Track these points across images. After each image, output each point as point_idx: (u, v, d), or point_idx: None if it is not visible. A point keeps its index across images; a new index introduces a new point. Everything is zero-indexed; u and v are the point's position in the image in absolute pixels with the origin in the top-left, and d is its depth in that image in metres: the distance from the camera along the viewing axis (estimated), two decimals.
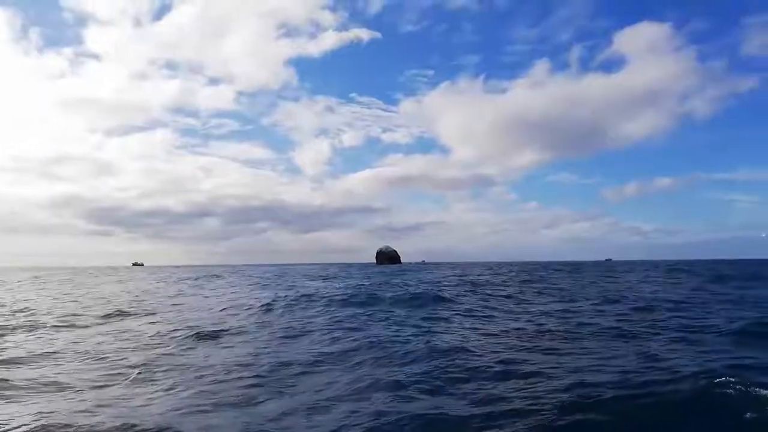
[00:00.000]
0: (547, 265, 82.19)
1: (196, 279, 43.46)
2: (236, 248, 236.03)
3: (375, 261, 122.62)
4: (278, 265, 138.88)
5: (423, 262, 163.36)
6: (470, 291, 22.10)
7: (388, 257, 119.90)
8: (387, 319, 13.40)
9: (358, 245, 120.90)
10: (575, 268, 63.08)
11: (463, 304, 17.09)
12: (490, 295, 20.65)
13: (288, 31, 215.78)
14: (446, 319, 13.22)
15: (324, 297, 18.91)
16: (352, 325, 12.27)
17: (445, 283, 28.55)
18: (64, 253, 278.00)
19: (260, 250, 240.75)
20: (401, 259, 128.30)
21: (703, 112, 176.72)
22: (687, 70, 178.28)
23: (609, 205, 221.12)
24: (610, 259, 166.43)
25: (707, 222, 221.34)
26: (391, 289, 22.37)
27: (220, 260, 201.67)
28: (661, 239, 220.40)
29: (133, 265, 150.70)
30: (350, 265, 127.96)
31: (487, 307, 16.45)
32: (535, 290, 23.01)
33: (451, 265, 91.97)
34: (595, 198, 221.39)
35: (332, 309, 15.87)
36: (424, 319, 13.23)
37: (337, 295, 19.67)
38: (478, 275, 39.48)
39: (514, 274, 42.24)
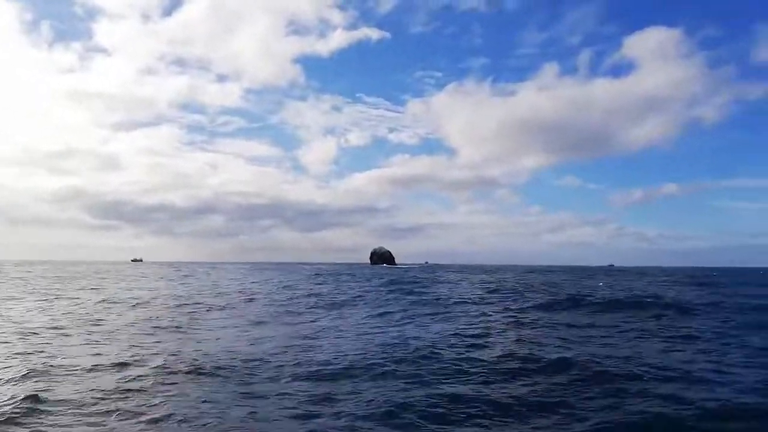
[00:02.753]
0: (548, 270, 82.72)
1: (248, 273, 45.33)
2: (240, 245, 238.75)
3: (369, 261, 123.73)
4: (279, 264, 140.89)
5: (426, 263, 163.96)
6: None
7: (382, 258, 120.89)
8: None
9: (362, 244, 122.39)
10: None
11: None
12: None
13: (297, 28, 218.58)
14: None
15: None
16: None
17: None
18: (67, 247, 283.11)
19: (264, 247, 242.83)
20: (396, 260, 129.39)
21: (711, 119, 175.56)
22: (696, 75, 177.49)
23: (614, 210, 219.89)
24: (612, 265, 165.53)
25: (713, 229, 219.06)
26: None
27: (223, 257, 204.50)
28: (665, 245, 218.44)
29: (132, 261, 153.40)
30: (351, 265, 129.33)
31: None
32: None
33: (456, 269, 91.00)
34: (600, 203, 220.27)
35: None
36: None
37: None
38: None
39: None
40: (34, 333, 11.78)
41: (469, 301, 19.46)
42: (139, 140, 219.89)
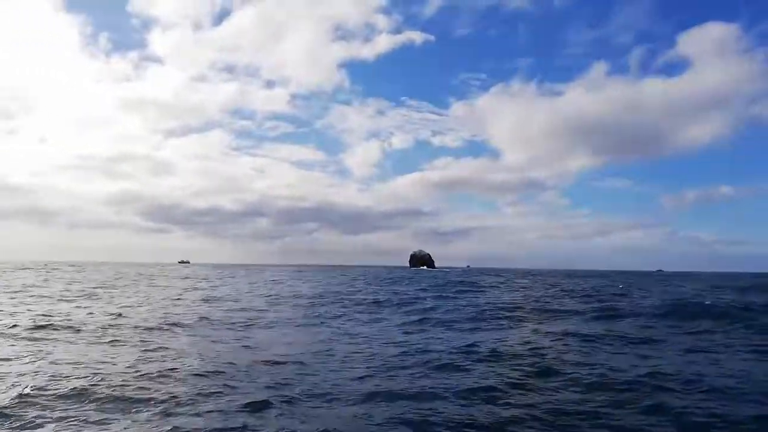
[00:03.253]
0: (587, 274, 79.29)
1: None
2: (285, 248, 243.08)
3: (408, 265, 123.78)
4: (322, 266, 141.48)
5: (468, 267, 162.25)
6: None
7: (421, 261, 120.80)
8: None
9: (405, 248, 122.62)
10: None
11: None
12: None
13: (343, 33, 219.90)
14: None
15: None
16: None
17: None
18: (119, 249, 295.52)
19: (307, 250, 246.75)
20: (438, 263, 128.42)
21: None
22: (755, 72, 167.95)
23: (666, 213, 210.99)
24: (661, 270, 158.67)
25: None
26: None
27: (269, 260, 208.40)
28: (721, 250, 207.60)
29: (180, 262, 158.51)
30: (390, 268, 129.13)
31: None
32: None
33: (499, 272, 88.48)
34: (651, 205, 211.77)
35: None
36: None
37: None
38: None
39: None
40: None
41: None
42: (190, 145, 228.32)
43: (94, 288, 28.39)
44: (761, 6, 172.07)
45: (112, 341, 10.83)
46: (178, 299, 22.26)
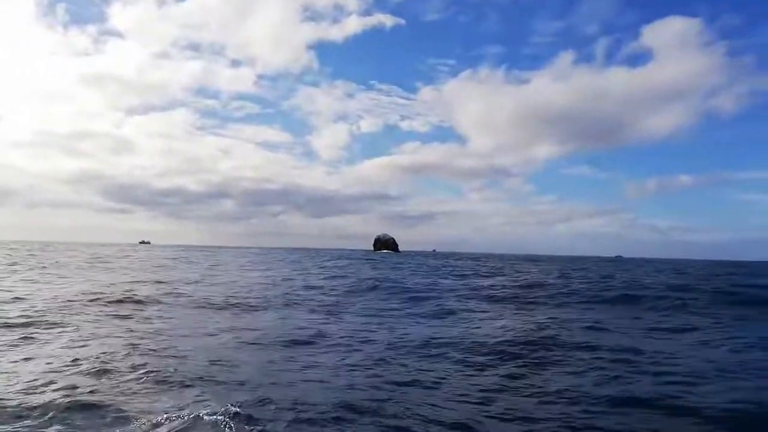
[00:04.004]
0: (535, 258, 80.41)
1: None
2: (251, 230, 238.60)
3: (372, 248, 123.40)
4: (288, 249, 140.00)
5: (434, 251, 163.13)
6: None
7: (385, 245, 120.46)
8: None
9: (371, 232, 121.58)
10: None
11: None
12: None
13: (312, 14, 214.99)
14: None
15: None
16: None
17: None
18: (80, 229, 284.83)
19: (273, 232, 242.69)
20: (404, 247, 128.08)
21: (729, 109, 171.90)
22: (715, 65, 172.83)
23: (627, 201, 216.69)
24: (621, 256, 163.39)
25: (728, 222, 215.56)
26: None
27: (234, 242, 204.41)
28: (678, 237, 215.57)
29: (140, 243, 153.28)
30: (353, 251, 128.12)
31: None
32: None
33: (464, 257, 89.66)
34: (614, 193, 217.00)
35: None
36: None
37: None
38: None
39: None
40: None
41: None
42: (153, 124, 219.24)
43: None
44: (722, 1, 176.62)
45: None
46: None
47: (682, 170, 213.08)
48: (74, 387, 5.98)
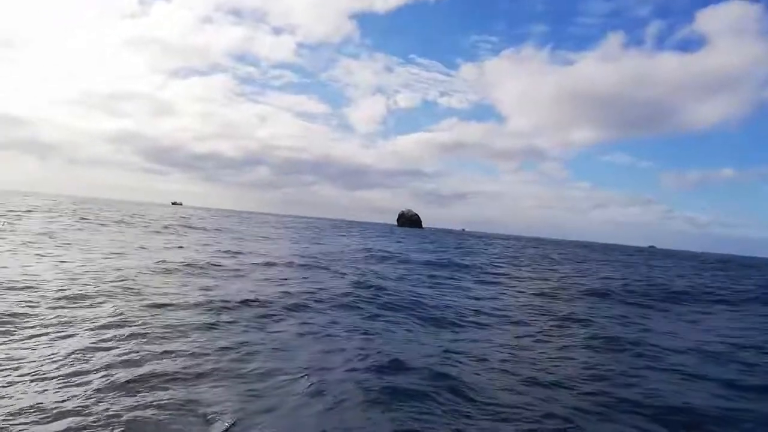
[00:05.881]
0: (557, 243, 77.44)
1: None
2: (283, 198, 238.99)
3: (396, 223, 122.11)
4: (314, 219, 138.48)
5: (463, 230, 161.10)
6: None
7: (410, 221, 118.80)
8: None
9: (402, 207, 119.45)
10: None
11: None
12: None
13: None
14: None
15: None
16: None
17: None
18: (118, 187, 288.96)
19: (304, 202, 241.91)
20: (435, 225, 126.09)
21: None
22: None
23: (665, 191, 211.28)
24: (653, 246, 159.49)
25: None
26: None
27: (265, 208, 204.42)
28: (714, 231, 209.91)
29: (172, 204, 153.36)
30: (376, 225, 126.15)
31: None
32: None
33: (495, 239, 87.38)
34: (651, 183, 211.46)
35: None
36: None
37: None
38: None
39: None
40: None
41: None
42: (193, 88, 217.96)
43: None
44: None
45: None
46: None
47: (726, 163, 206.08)
48: None
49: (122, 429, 3.38)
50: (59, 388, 3.97)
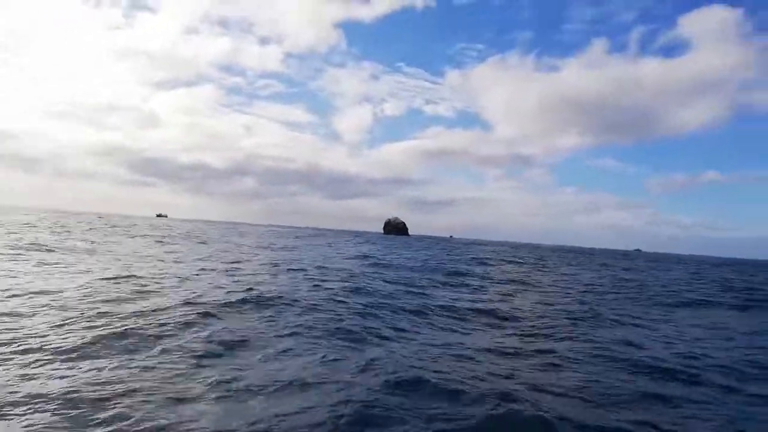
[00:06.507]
0: (536, 247, 77.70)
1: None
2: (268, 208, 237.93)
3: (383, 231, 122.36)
4: (297, 228, 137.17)
5: (451, 237, 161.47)
6: None
7: (396, 228, 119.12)
8: None
9: (388, 216, 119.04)
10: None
11: None
12: None
13: None
14: None
15: None
16: None
17: None
18: (102, 200, 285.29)
19: (290, 211, 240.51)
20: (421, 232, 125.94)
21: (765, 105, 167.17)
22: (753, 60, 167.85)
23: (651, 195, 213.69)
24: (639, 250, 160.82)
25: (753, 221, 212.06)
26: None
27: (251, 219, 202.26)
28: (700, 234, 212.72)
29: (157, 216, 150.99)
30: (363, 233, 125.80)
31: None
32: None
33: (485, 245, 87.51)
34: (637, 187, 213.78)
35: None
36: None
37: None
38: None
39: None
40: None
41: None
42: (180, 99, 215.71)
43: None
44: None
45: None
46: None
47: (711, 166, 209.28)
48: None
49: None
50: None
